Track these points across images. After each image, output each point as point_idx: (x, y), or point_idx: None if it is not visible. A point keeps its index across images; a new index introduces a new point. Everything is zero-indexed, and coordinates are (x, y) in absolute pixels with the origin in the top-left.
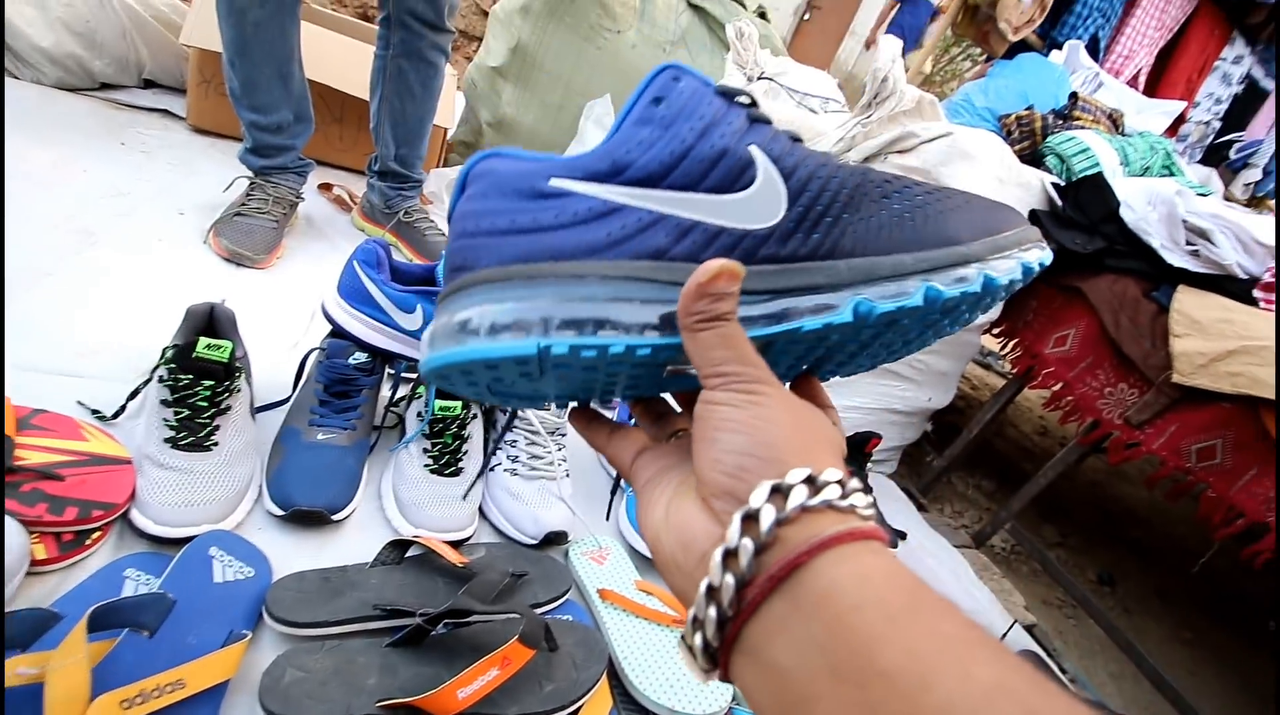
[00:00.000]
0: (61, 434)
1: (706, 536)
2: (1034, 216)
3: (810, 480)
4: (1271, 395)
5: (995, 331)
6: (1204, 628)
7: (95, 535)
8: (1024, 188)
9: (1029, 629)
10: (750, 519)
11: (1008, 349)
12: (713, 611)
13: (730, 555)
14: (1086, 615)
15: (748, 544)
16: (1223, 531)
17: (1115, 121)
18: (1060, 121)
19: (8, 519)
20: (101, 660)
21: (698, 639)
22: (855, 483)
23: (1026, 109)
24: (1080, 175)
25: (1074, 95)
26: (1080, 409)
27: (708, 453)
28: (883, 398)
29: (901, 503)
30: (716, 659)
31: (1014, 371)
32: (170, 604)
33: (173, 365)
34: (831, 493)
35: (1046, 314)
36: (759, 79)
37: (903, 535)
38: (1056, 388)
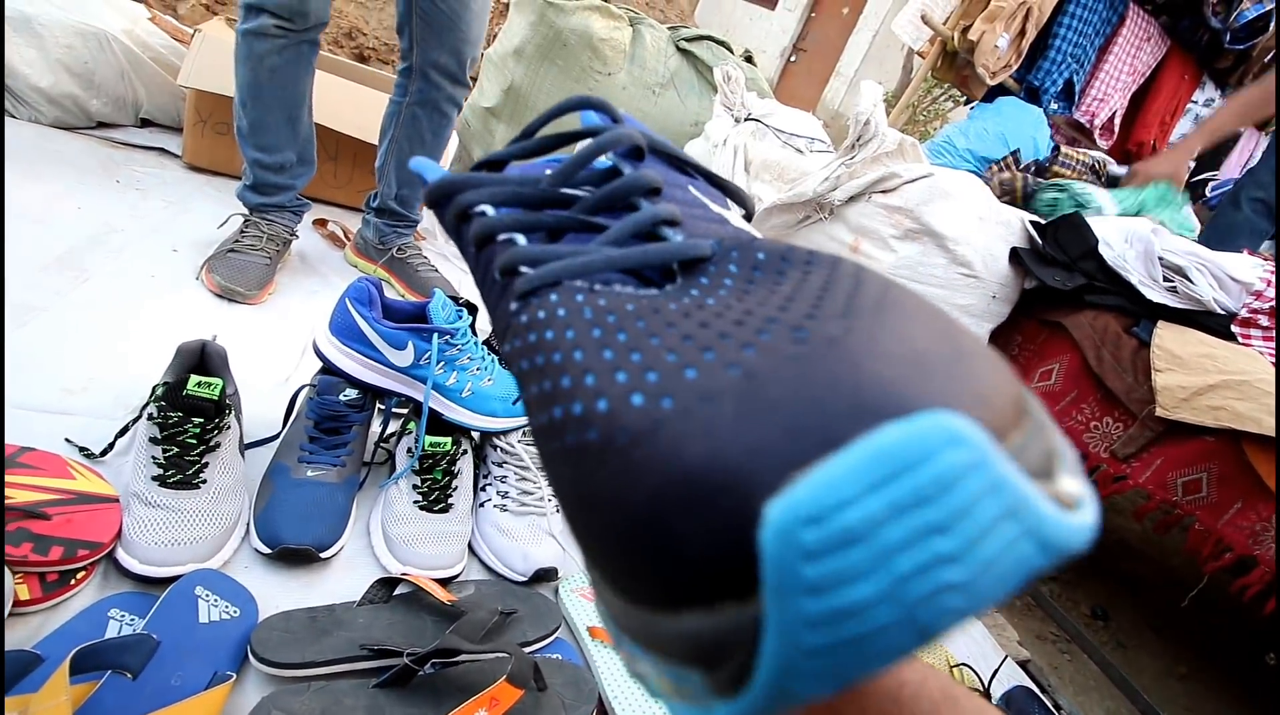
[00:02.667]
0: (49, 472)
1: None
2: (1015, 254)
3: None
4: (1254, 429)
5: None
6: (1199, 662)
7: (80, 575)
8: (1004, 226)
9: (1023, 664)
10: None
11: None
12: None
13: None
14: (1080, 650)
15: None
16: (1212, 565)
17: (1098, 172)
18: (1039, 178)
19: None
20: (84, 703)
21: None
22: None
23: (1006, 158)
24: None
25: (1056, 149)
26: None
27: None
28: None
29: None
30: None
31: None
32: (154, 645)
33: (163, 403)
34: None
35: (1031, 348)
36: (746, 119)
37: None
38: None
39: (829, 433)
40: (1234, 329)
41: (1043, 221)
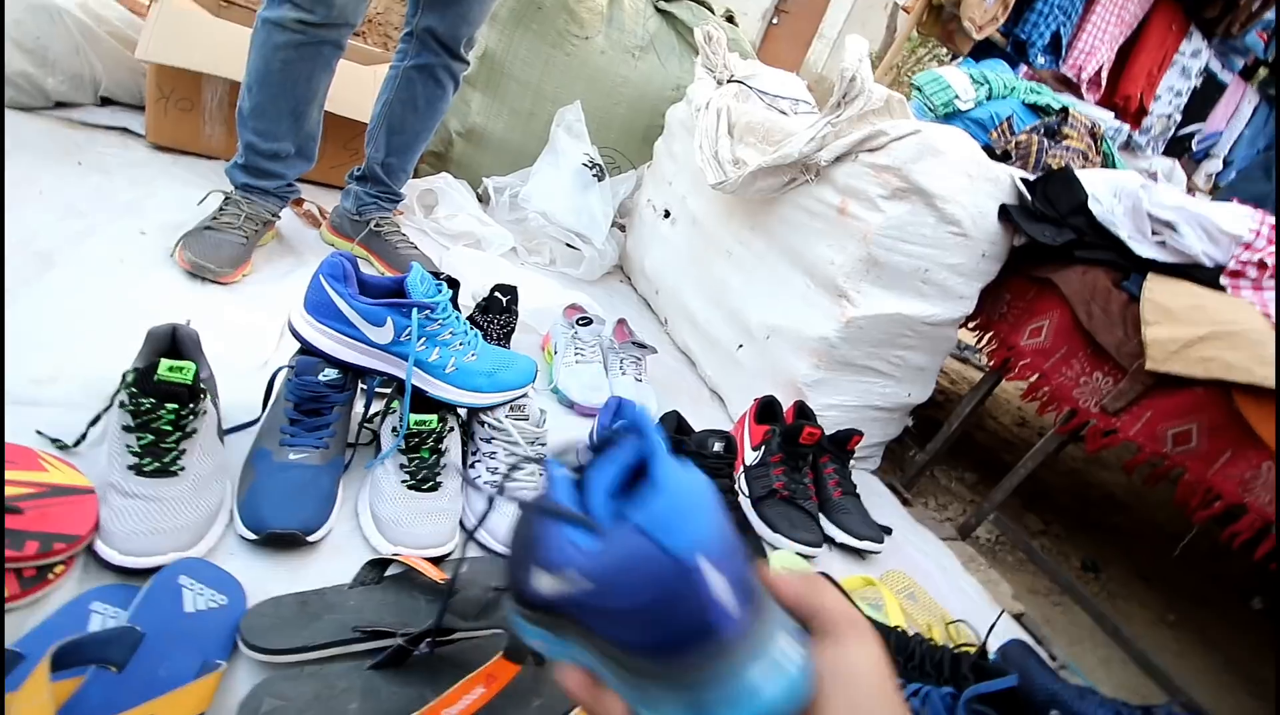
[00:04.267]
0: (20, 465)
1: None
2: (1004, 211)
3: None
4: (1244, 379)
5: (971, 325)
6: (1187, 609)
7: (58, 569)
8: (993, 182)
9: (1017, 618)
10: None
11: (984, 342)
12: None
13: None
14: (1073, 602)
15: None
16: (1201, 514)
17: (1095, 135)
18: (1051, 139)
19: None
20: (67, 700)
21: None
22: None
23: (1001, 124)
24: (940, 108)
25: (1065, 110)
26: (1057, 399)
27: None
28: (863, 395)
29: (886, 498)
30: None
31: (991, 364)
32: (139, 637)
33: (134, 389)
34: None
35: (1021, 306)
36: (729, 82)
37: (888, 530)
38: (1034, 378)
39: None
40: (1223, 281)
41: (1031, 178)
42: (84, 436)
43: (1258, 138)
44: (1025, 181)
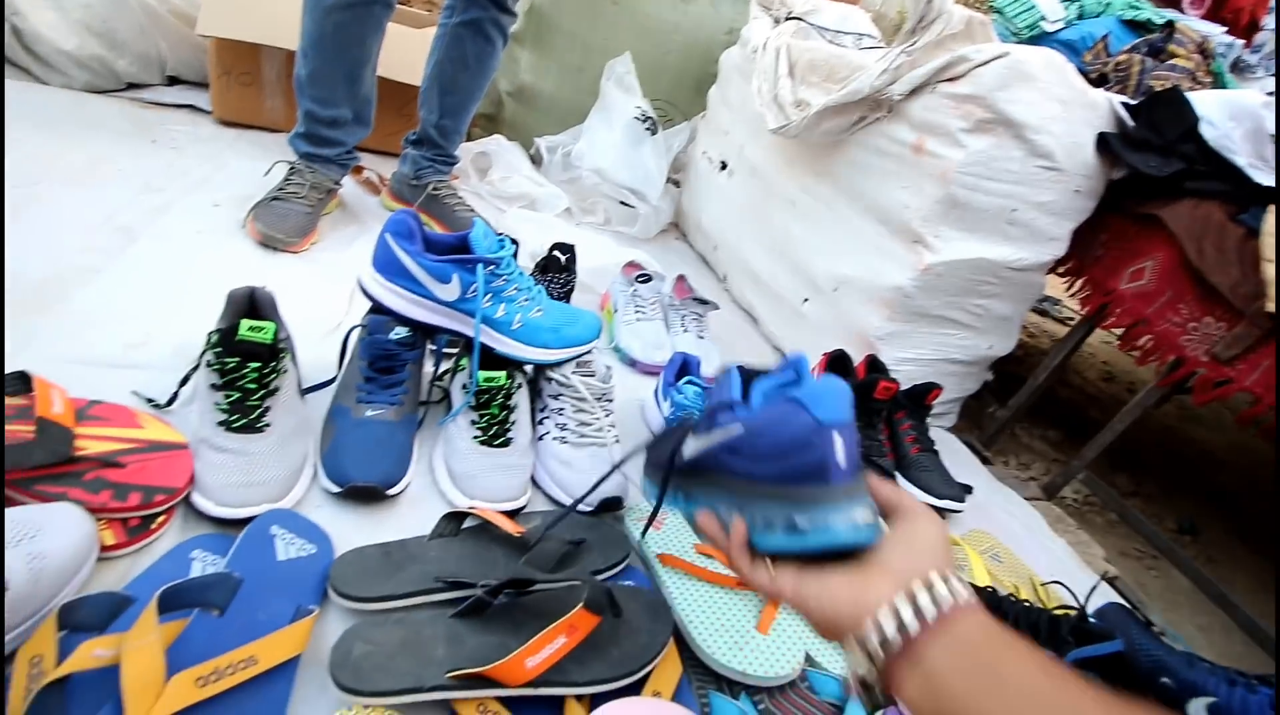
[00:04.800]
0: (119, 423)
1: (852, 603)
2: (1102, 140)
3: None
4: None
5: (1061, 270)
6: None
7: (160, 519)
8: (1090, 109)
9: (1110, 581)
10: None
11: (1075, 288)
12: (883, 641)
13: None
14: (1168, 566)
15: (909, 614)
16: None
17: (1205, 51)
18: (1154, 57)
19: (74, 507)
20: (174, 640)
21: (874, 644)
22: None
23: (1096, 44)
24: (1024, 30)
25: (1170, 25)
26: (1160, 347)
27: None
28: (940, 348)
29: (964, 456)
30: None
31: (1084, 312)
32: (237, 583)
33: (219, 349)
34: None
35: (1119, 246)
36: (787, 19)
37: (969, 489)
38: (1133, 326)
39: None
40: None
41: (1133, 102)
42: (175, 396)
43: None
44: (1126, 106)
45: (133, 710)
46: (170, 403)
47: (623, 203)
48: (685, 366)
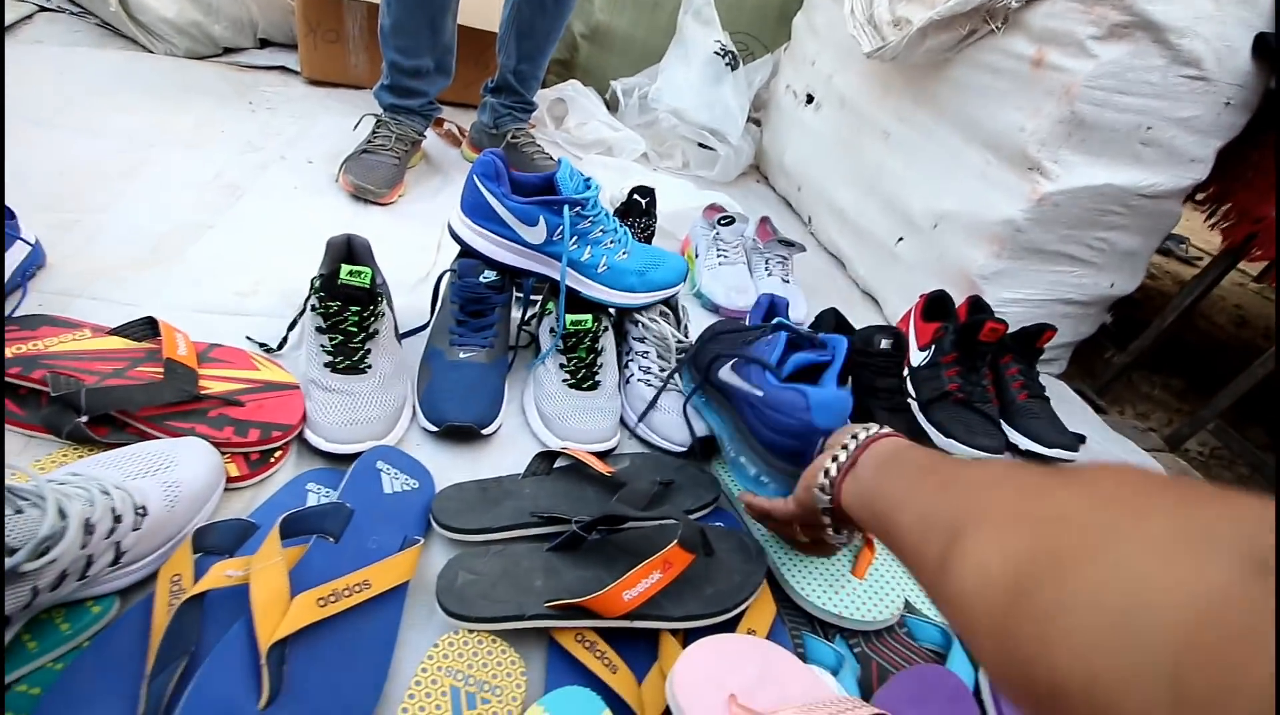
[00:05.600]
0: (237, 365)
1: (812, 471)
2: (1261, 42)
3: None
4: None
5: (1200, 197)
6: None
7: (277, 454)
8: (1247, 5)
9: None
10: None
11: (1218, 216)
12: (834, 469)
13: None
14: None
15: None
16: None
17: None
18: None
19: (202, 441)
20: (296, 564)
21: (825, 482)
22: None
23: None
24: None
25: None
26: None
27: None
28: (1053, 287)
29: (1075, 405)
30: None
31: (1224, 244)
32: (350, 513)
33: (322, 293)
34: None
35: (1272, 167)
36: None
37: (1082, 438)
38: None
39: None
40: None
41: None
42: (285, 340)
43: None
44: None
45: (262, 626)
46: (281, 347)
47: (701, 145)
48: (773, 308)
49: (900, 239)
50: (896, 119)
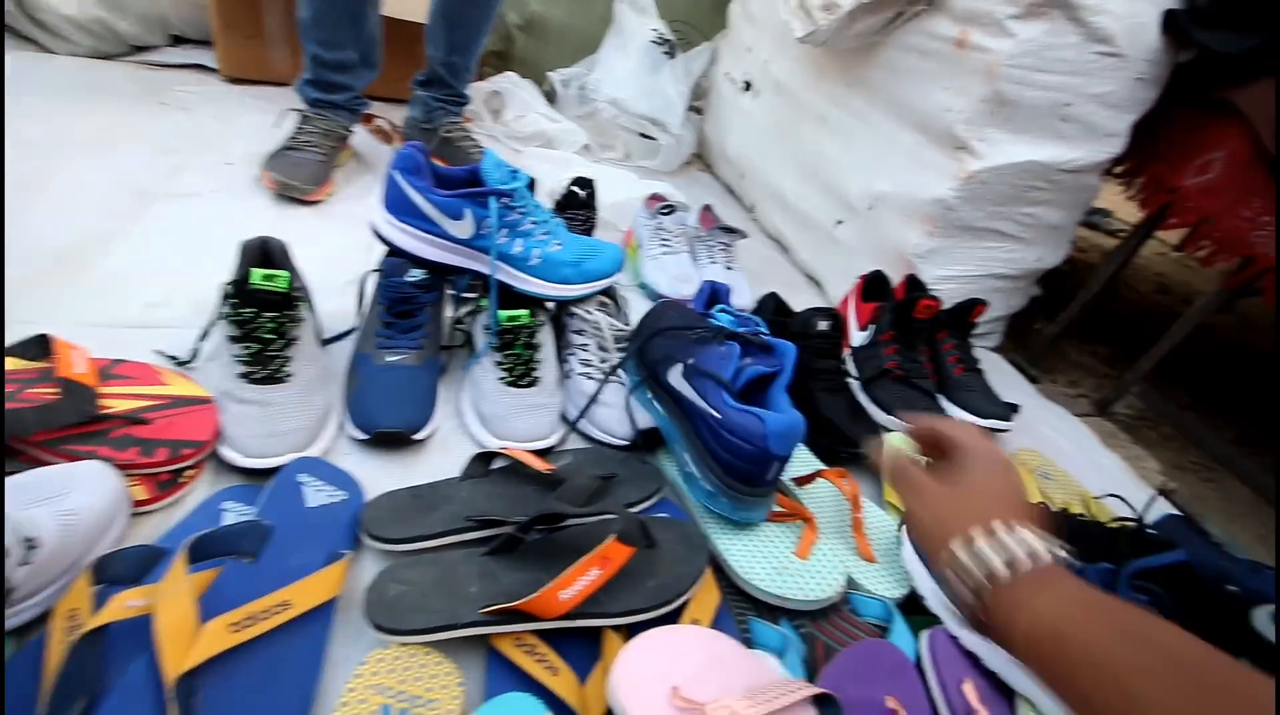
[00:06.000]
0: (142, 380)
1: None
2: (1170, 18)
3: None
4: None
5: (1118, 170)
6: None
7: (189, 473)
8: None
9: (1167, 495)
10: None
11: (1134, 189)
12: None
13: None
14: (1226, 477)
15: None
16: None
17: None
18: None
19: (102, 464)
20: (208, 589)
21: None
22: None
23: None
24: None
25: None
26: (1228, 246)
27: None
28: (985, 262)
29: (1011, 376)
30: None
31: (1141, 215)
32: (268, 530)
33: (234, 300)
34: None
35: (1184, 139)
36: None
37: (1016, 408)
38: (1198, 225)
39: None
40: None
41: None
42: (196, 352)
43: None
44: None
45: (167, 657)
46: (192, 359)
47: (643, 135)
48: (715, 295)
49: (839, 222)
50: (832, 104)
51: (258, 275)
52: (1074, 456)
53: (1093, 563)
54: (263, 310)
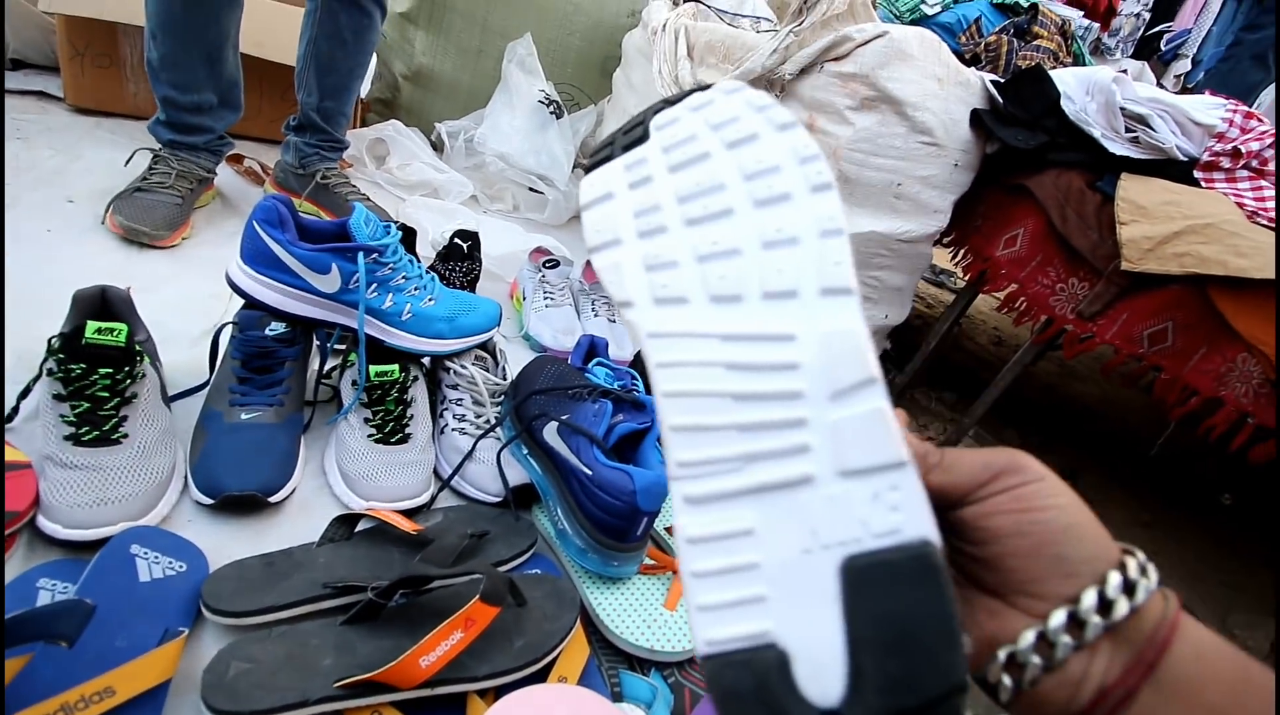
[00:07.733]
0: None
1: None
2: (976, 116)
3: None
4: (1219, 272)
5: (946, 241)
6: (1162, 510)
7: None
8: (964, 86)
9: None
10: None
11: (959, 257)
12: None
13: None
14: None
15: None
16: (1178, 411)
17: (1066, 33)
18: (1021, 39)
19: None
20: (15, 677)
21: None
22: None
23: (969, 27)
24: (906, 14)
25: (1034, 7)
26: (1033, 307)
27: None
28: None
29: None
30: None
31: (966, 278)
32: (89, 609)
33: (61, 356)
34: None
35: (995, 216)
36: (686, 1)
37: None
38: (1010, 289)
39: None
40: (1197, 174)
41: (1002, 80)
42: (15, 411)
43: (1225, 34)
44: (996, 84)
45: None
46: (10, 419)
47: (531, 188)
48: (594, 348)
49: None
50: None
51: (92, 328)
52: None
53: None
54: (95, 366)
